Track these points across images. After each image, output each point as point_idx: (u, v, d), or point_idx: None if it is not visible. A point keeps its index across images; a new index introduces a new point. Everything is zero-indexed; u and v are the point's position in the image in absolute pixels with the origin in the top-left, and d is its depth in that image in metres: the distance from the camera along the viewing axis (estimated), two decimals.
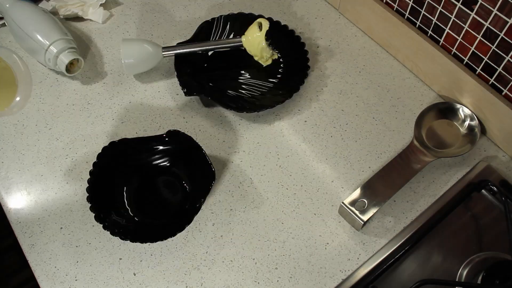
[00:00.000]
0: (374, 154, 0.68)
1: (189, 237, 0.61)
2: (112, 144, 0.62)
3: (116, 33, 0.82)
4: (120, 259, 0.60)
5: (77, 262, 0.60)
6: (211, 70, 0.77)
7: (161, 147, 0.65)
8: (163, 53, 0.73)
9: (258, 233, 0.62)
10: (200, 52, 0.75)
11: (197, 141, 0.62)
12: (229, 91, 0.74)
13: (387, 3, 0.74)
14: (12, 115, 0.70)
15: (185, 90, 0.69)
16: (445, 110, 0.69)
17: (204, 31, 0.77)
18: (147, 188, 0.64)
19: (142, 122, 0.71)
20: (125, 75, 0.77)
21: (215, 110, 0.73)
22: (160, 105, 0.73)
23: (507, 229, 0.57)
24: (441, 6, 0.65)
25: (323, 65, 0.77)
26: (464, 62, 0.67)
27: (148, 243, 0.60)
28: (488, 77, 0.65)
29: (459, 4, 0.62)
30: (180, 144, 0.64)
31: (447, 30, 0.66)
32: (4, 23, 0.80)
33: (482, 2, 0.59)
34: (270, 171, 0.66)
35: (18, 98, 0.56)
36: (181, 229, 0.57)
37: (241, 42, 0.73)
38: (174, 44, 0.75)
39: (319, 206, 0.63)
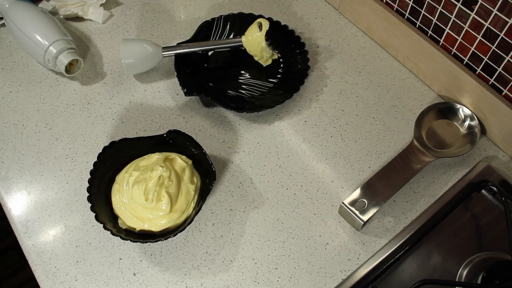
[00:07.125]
0: (374, 154, 0.68)
1: (189, 237, 0.61)
2: (112, 143, 0.62)
3: (116, 33, 0.82)
4: (120, 259, 0.60)
5: (77, 262, 0.60)
6: (211, 70, 0.77)
7: (161, 147, 0.65)
8: (163, 53, 0.73)
9: (258, 233, 0.62)
10: (200, 52, 0.75)
11: (197, 141, 0.62)
12: (229, 91, 0.74)
13: (387, 3, 0.74)
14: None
15: (185, 90, 0.69)
16: (445, 110, 0.69)
17: (204, 31, 0.77)
18: None
19: (142, 122, 0.71)
20: (125, 75, 0.77)
21: (215, 110, 0.73)
22: (160, 105, 0.73)
23: (507, 229, 0.57)
24: (441, 6, 0.65)
25: (323, 65, 0.77)
26: (464, 62, 0.67)
27: (148, 243, 0.60)
28: (488, 77, 0.65)
29: (459, 4, 0.62)
30: (180, 144, 0.64)
31: (447, 30, 0.66)
32: (4, 23, 0.80)
33: (482, 2, 0.59)
34: (270, 171, 0.66)
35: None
36: (181, 229, 0.57)
37: (241, 42, 0.73)
38: (174, 44, 0.75)
39: (319, 206, 0.63)
